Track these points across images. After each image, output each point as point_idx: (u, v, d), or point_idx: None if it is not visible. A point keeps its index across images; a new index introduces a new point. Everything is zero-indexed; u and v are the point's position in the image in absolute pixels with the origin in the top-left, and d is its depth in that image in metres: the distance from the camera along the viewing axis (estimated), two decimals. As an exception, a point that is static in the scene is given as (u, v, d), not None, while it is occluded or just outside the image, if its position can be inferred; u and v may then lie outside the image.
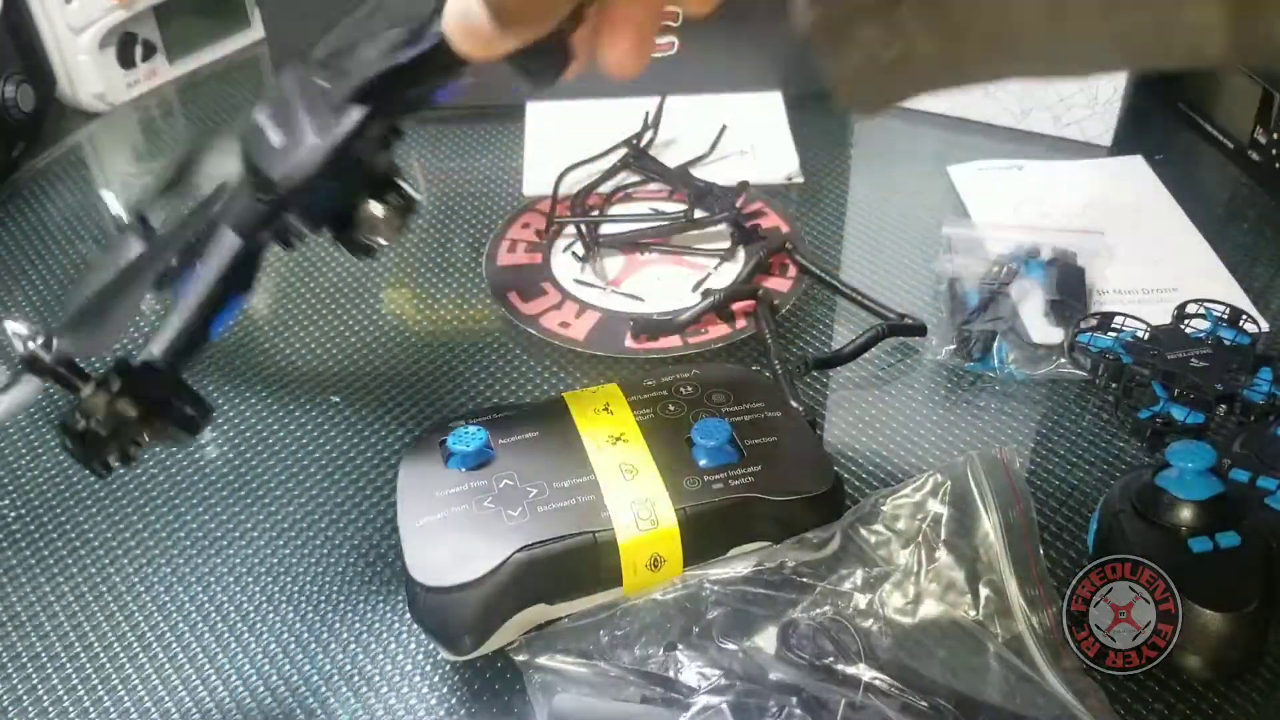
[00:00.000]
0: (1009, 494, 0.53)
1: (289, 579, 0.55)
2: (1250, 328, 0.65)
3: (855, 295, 0.69)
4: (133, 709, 0.50)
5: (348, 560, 0.56)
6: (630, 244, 0.75)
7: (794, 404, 0.58)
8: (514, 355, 0.68)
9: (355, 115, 0.38)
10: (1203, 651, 0.48)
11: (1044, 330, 0.67)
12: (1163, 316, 0.66)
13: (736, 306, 0.69)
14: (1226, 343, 0.64)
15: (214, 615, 0.54)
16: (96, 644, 0.52)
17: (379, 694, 0.50)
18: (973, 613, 0.50)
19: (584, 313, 0.70)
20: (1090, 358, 0.64)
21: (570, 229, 0.76)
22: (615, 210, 0.78)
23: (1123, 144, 0.85)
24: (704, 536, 0.51)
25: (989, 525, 0.52)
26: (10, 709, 0.50)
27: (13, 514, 0.59)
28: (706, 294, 0.69)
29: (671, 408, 0.56)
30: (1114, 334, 0.65)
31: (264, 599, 0.54)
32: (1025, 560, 0.51)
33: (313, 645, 0.52)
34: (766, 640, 0.49)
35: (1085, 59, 0.24)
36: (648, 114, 0.85)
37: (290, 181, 0.39)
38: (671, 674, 0.48)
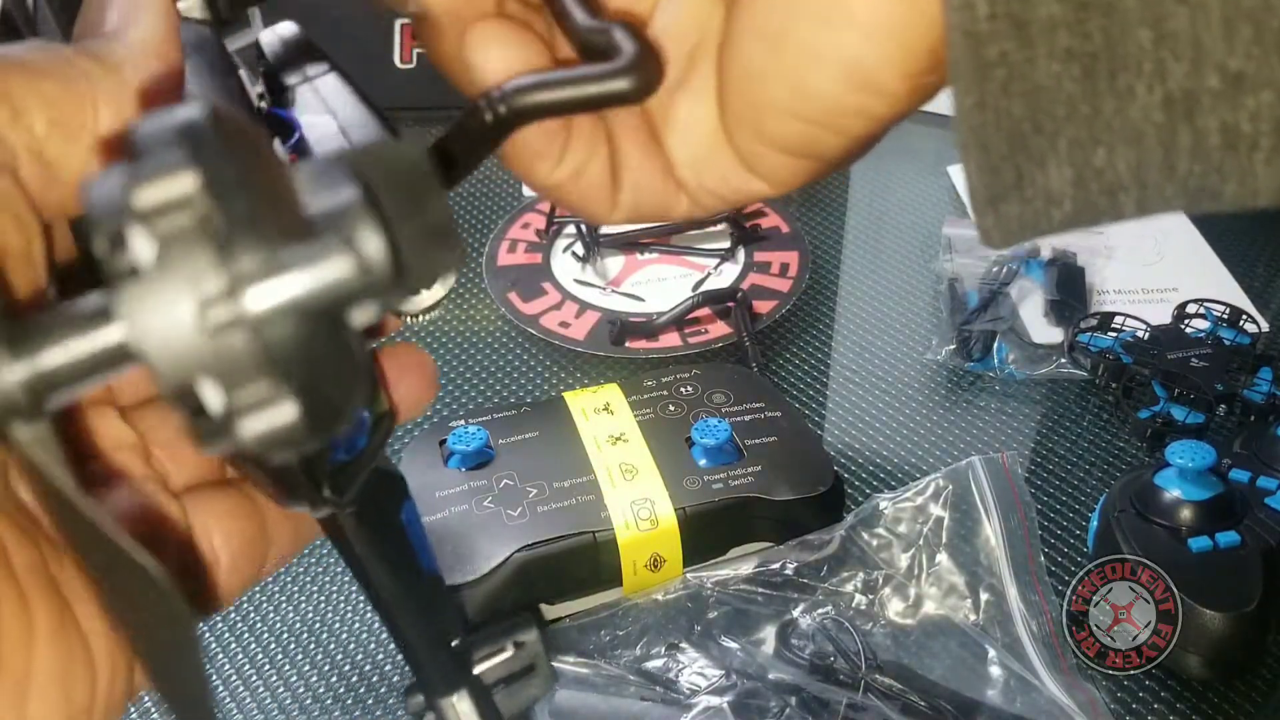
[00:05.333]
0: (1010, 499, 0.53)
1: (289, 579, 0.55)
2: (1250, 328, 0.65)
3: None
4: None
5: (348, 560, 0.56)
6: (630, 244, 0.75)
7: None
8: (514, 355, 0.68)
9: None
10: (1203, 651, 0.48)
11: (1044, 330, 0.67)
12: (1163, 316, 0.66)
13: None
14: (1226, 343, 0.64)
15: (214, 615, 0.53)
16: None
17: (378, 694, 0.50)
18: (973, 616, 0.50)
19: (584, 313, 0.70)
20: (1090, 358, 0.64)
21: (570, 229, 0.76)
22: (615, 210, 0.78)
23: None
24: (704, 536, 0.51)
25: (990, 530, 0.52)
26: None
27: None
28: (702, 296, 0.69)
29: (671, 408, 0.56)
30: (1114, 334, 0.65)
31: (264, 599, 0.54)
32: (1025, 565, 0.51)
33: (312, 645, 0.52)
34: (767, 640, 0.49)
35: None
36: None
37: None
38: (672, 674, 0.48)
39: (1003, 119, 0.18)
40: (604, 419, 0.55)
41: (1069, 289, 0.69)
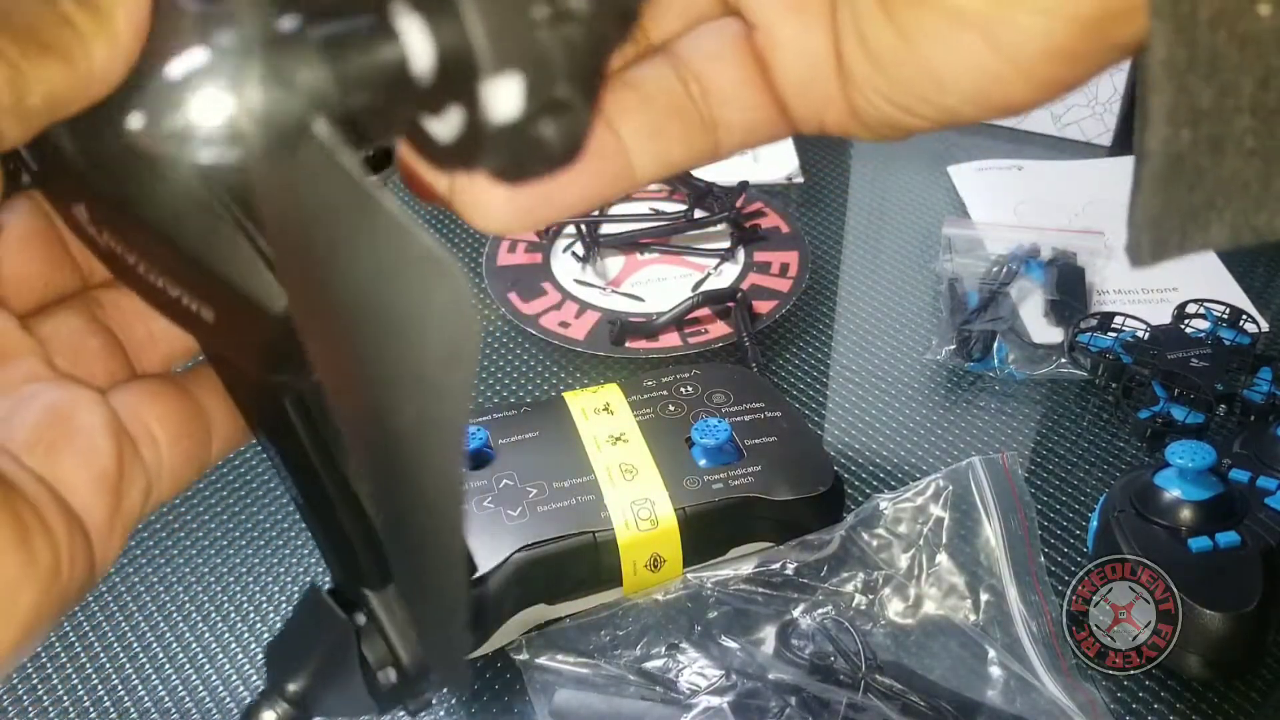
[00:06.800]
0: (1010, 499, 0.53)
1: (289, 578, 0.55)
2: (1250, 328, 0.65)
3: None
4: (133, 709, 0.50)
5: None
6: (630, 244, 0.75)
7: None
8: (514, 355, 0.68)
9: None
10: (1203, 651, 0.48)
11: (1044, 330, 0.67)
12: (1163, 316, 0.66)
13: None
14: (1226, 343, 0.64)
15: (214, 615, 0.53)
16: (97, 644, 0.52)
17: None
18: (973, 616, 0.50)
19: (584, 313, 0.70)
20: (1090, 358, 0.64)
21: (570, 229, 0.76)
22: (615, 210, 0.78)
23: (1122, 144, 0.85)
24: (704, 536, 0.51)
25: (990, 530, 0.52)
26: (10, 709, 0.50)
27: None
28: (702, 296, 0.69)
29: (671, 408, 0.56)
30: (1114, 334, 0.65)
31: (264, 599, 0.54)
32: (1025, 565, 0.51)
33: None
34: (767, 640, 0.49)
35: None
36: (648, 114, 0.85)
37: None
38: (672, 674, 0.48)
39: (1182, 205, 0.20)
40: (604, 419, 0.55)
41: (1069, 289, 0.69)
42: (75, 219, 0.22)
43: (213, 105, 0.14)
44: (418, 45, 0.15)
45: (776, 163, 0.83)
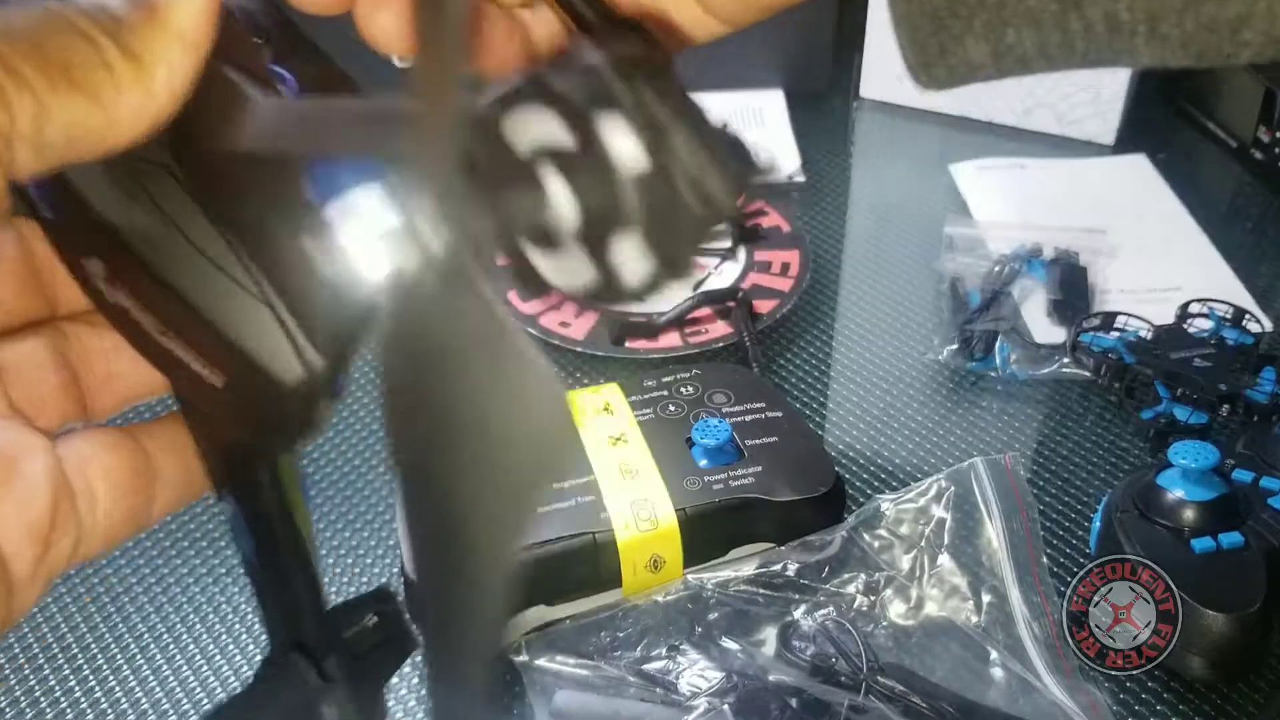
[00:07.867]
0: (1012, 500, 0.53)
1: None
2: (1254, 327, 0.65)
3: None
4: (129, 710, 0.49)
5: (346, 561, 0.56)
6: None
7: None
8: (514, 355, 0.68)
9: None
10: (1206, 653, 0.48)
11: (1046, 330, 0.67)
12: (1166, 316, 0.66)
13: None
14: (1230, 342, 0.63)
15: (212, 616, 0.53)
16: (94, 645, 0.52)
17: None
18: (975, 618, 0.50)
19: (584, 313, 0.69)
20: (1093, 358, 0.64)
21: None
22: (616, 209, 0.78)
23: (1125, 143, 0.84)
24: (704, 537, 0.50)
25: (992, 531, 0.52)
26: (9, 710, 0.49)
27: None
28: (703, 296, 0.69)
29: (671, 408, 0.55)
30: (1117, 333, 0.65)
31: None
32: (1027, 566, 0.51)
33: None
34: (768, 641, 0.49)
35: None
36: (648, 112, 0.85)
37: None
38: (673, 676, 0.47)
39: (925, 6, 0.22)
40: (604, 419, 0.55)
41: (1071, 288, 0.69)
42: (85, 270, 0.23)
43: (389, 244, 0.16)
44: (564, 204, 0.17)
45: (777, 162, 0.83)
